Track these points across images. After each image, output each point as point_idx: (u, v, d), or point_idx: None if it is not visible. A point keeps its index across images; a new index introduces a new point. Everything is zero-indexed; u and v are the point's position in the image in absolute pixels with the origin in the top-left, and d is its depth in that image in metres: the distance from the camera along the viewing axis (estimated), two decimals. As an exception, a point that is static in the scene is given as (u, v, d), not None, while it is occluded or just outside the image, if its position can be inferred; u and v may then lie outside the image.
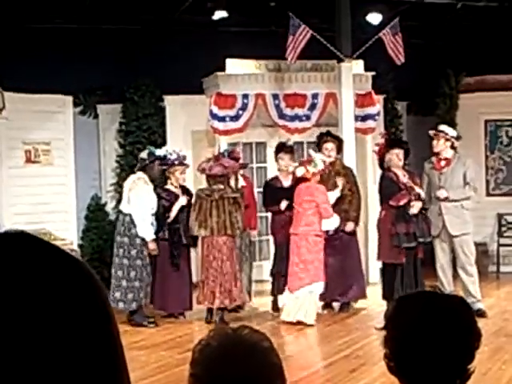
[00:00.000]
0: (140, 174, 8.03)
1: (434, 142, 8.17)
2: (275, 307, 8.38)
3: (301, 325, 7.75)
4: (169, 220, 8.07)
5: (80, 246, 10.45)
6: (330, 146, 8.52)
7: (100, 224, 10.75)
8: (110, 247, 10.47)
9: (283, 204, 8.31)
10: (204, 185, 8.18)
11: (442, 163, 8.09)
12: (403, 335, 1.78)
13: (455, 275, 8.16)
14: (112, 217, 10.82)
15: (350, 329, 7.61)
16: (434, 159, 8.23)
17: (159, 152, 8.16)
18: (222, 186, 7.82)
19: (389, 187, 7.75)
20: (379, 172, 8.61)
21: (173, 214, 8.09)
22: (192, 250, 8.42)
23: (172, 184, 8.27)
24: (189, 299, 8.23)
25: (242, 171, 8.60)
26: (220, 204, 7.78)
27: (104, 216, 10.84)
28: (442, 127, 8.37)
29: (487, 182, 11.29)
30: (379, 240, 7.93)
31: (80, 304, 0.78)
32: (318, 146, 8.68)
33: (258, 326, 7.07)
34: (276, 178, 8.68)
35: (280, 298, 8.22)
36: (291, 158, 8.53)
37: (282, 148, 8.61)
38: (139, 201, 7.84)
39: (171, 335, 7.53)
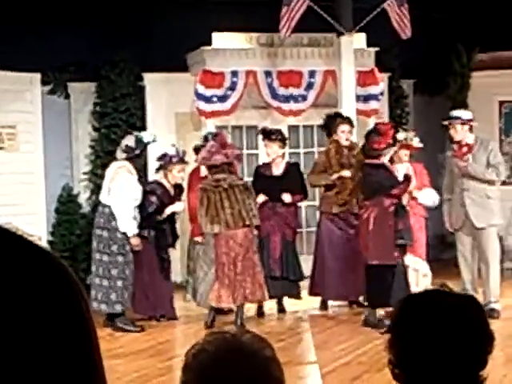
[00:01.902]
0: (124, 162, 8.01)
1: (452, 132, 8.23)
2: (260, 312, 8.43)
3: (295, 329, 7.82)
4: (156, 220, 8.09)
5: (50, 242, 10.45)
6: (346, 128, 8.56)
7: (72, 217, 10.73)
8: (84, 243, 10.52)
9: (260, 198, 8.34)
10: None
11: (464, 149, 8.16)
12: (409, 339, 1.82)
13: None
14: (85, 209, 10.82)
15: (351, 333, 7.68)
16: (455, 146, 8.32)
17: (147, 137, 8.13)
18: (225, 176, 7.73)
19: (389, 178, 7.76)
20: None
21: (164, 215, 8.13)
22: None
23: (168, 180, 8.28)
24: (170, 302, 8.28)
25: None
26: (231, 193, 7.68)
27: (76, 208, 10.82)
28: (455, 113, 8.44)
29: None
30: (369, 238, 7.86)
31: (50, 300, 0.79)
32: (329, 129, 8.65)
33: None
34: (267, 165, 8.67)
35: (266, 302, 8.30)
36: (279, 146, 8.51)
37: (267, 135, 8.57)
38: (121, 192, 7.84)
39: (152, 341, 7.55)
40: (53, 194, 10.54)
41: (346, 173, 8.38)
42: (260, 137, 8.91)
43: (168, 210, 8.14)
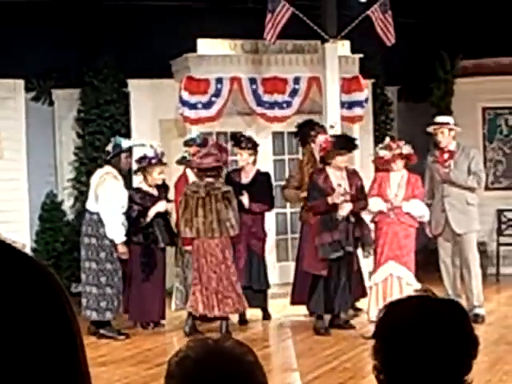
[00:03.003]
0: (108, 168, 7.99)
1: (439, 137, 8.26)
2: (243, 319, 8.41)
3: (279, 336, 7.80)
4: (142, 225, 8.07)
5: (34, 249, 10.39)
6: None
7: (56, 225, 10.69)
8: (68, 251, 10.47)
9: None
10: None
11: (446, 156, 8.20)
12: (393, 345, 1.82)
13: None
14: (70, 217, 10.77)
15: (336, 339, 7.68)
16: (436, 152, 8.35)
17: (125, 144, 8.12)
18: (211, 180, 7.69)
19: (315, 190, 7.78)
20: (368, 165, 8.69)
21: (148, 219, 8.10)
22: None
23: (147, 183, 8.25)
24: (162, 309, 8.25)
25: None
26: (207, 202, 7.64)
27: (61, 216, 10.77)
28: (443, 118, 8.48)
29: (486, 175, 11.43)
30: (305, 247, 7.91)
31: (34, 303, 0.79)
32: (304, 138, 8.65)
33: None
34: (238, 171, 8.62)
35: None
36: (249, 154, 8.45)
37: (237, 141, 8.53)
38: (108, 198, 7.80)
39: (138, 349, 7.53)
40: (36, 201, 10.50)
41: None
42: (230, 143, 8.90)
43: (151, 213, 8.11)
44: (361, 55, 10.59)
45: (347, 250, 7.70)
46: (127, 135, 9.80)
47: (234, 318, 8.51)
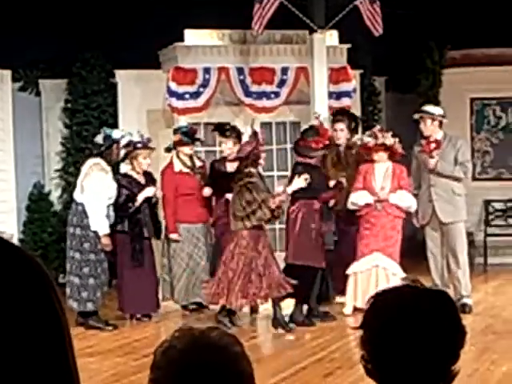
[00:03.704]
0: (96, 159, 7.97)
1: (422, 125, 8.29)
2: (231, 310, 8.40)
3: (267, 327, 7.82)
4: (130, 210, 8.04)
5: (21, 240, 10.36)
6: (340, 126, 8.56)
7: (44, 215, 10.66)
8: (56, 242, 10.44)
9: (205, 192, 8.31)
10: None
11: (432, 146, 8.20)
12: (381, 335, 1.81)
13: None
14: (57, 207, 10.74)
15: (323, 329, 7.69)
16: (423, 142, 8.36)
17: (116, 134, 8.10)
18: (253, 170, 7.62)
19: (322, 182, 7.81)
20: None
21: (137, 203, 8.07)
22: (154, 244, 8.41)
23: (134, 169, 8.23)
24: (155, 299, 8.23)
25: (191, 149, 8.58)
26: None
27: (48, 206, 10.75)
28: (426, 107, 8.50)
29: (473, 165, 11.46)
30: (293, 238, 7.89)
31: (21, 292, 0.78)
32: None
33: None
34: (223, 160, 8.61)
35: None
36: (233, 142, 8.43)
37: (220, 130, 8.52)
38: (92, 190, 7.80)
39: (126, 339, 7.52)
40: (24, 192, 10.47)
41: (343, 179, 8.31)
42: (215, 133, 8.88)
43: (140, 197, 8.09)
44: (349, 45, 10.57)
45: (335, 239, 7.74)
46: (115, 126, 9.77)
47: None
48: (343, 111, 8.87)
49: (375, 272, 8.06)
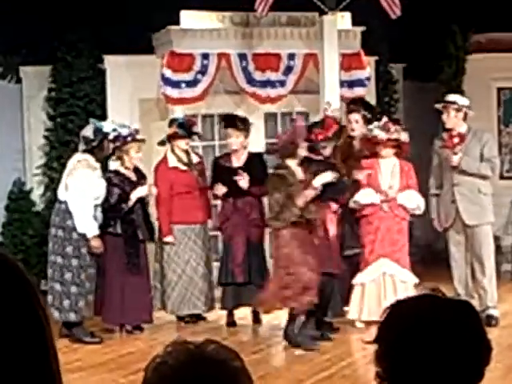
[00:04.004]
0: (84, 154, 7.94)
1: (444, 116, 8.26)
2: (230, 321, 8.41)
3: (272, 339, 7.82)
4: (123, 211, 8.04)
5: (0, 243, 10.37)
6: (355, 116, 8.57)
7: (24, 216, 10.67)
8: (38, 245, 10.45)
9: (219, 189, 8.32)
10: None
11: (455, 140, 8.17)
12: (397, 349, 1.81)
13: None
14: (39, 207, 10.75)
15: (334, 343, 7.69)
16: (445, 135, 8.34)
17: (107, 127, 8.08)
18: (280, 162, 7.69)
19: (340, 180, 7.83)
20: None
21: (130, 203, 8.08)
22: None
23: (124, 165, 8.22)
24: (150, 309, 8.23)
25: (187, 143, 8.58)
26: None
27: (29, 206, 10.76)
28: (451, 97, 8.47)
29: (501, 162, 11.45)
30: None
31: (3, 306, 0.80)
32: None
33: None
34: (227, 155, 8.64)
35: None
36: (244, 135, 8.45)
37: (230, 122, 8.54)
38: (78, 188, 7.78)
39: (114, 353, 7.53)
40: (3, 190, 10.49)
41: (360, 176, 8.28)
42: (221, 124, 8.87)
43: (133, 196, 8.09)
44: (363, 29, 10.56)
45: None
46: (103, 117, 9.77)
47: (222, 320, 8.51)
48: (358, 101, 8.85)
49: (382, 280, 8.04)
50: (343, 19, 10.32)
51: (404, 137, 8.23)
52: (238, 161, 8.51)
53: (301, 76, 10.30)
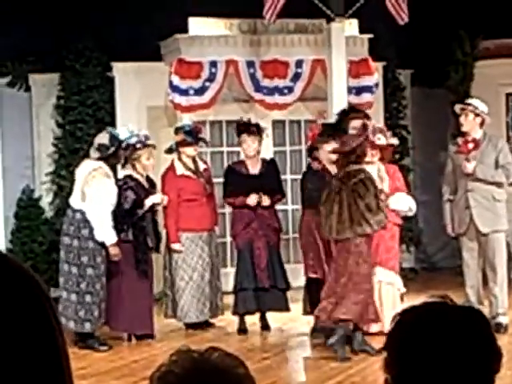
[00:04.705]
0: (98, 162, 7.90)
1: (462, 119, 8.20)
2: (242, 328, 8.40)
3: (281, 346, 7.79)
4: (137, 216, 8.02)
5: (9, 250, 10.37)
6: (358, 123, 8.54)
7: (33, 223, 10.69)
8: (46, 252, 10.46)
9: (252, 198, 8.29)
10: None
11: (470, 146, 8.13)
12: (406, 357, 1.80)
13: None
14: (48, 214, 10.76)
15: (343, 349, 7.64)
16: (459, 140, 8.31)
17: (123, 134, 8.05)
18: (356, 167, 7.35)
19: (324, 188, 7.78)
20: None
21: (145, 208, 8.06)
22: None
23: (137, 172, 8.22)
24: (150, 318, 8.20)
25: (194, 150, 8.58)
26: (342, 196, 7.30)
27: (38, 213, 10.78)
28: (472, 100, 8.44)
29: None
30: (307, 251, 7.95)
31: (14, 310, 0.79)
32: (340, 125, 8.61)
33: (228, 348, 7.09)
34: (242, 163, 8.64)
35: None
36: (258, 141, 8.45)
37: (245, 128, 8.53)
38: (98, 198, 7.71)
39: (123, 360, 7.52)
40: (12, 198, 10.51)
41: None
42: (235, 131, 8.87)
43: (148, 202, 8.08)
44: (370, 35, 10.56)
45: None
46: (112, 124, 9.79)
47: (232, 327, 8.49)
48: (355, 109, 8.83)
49: (379, 288, 7.98)
50: (351, 26, 10.33)
51: (393, 141, 8.24)
52: (253, 168, 8.51)
53: (308, 83, 10.30)
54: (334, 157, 7.65)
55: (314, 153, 8.22)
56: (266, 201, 8.34)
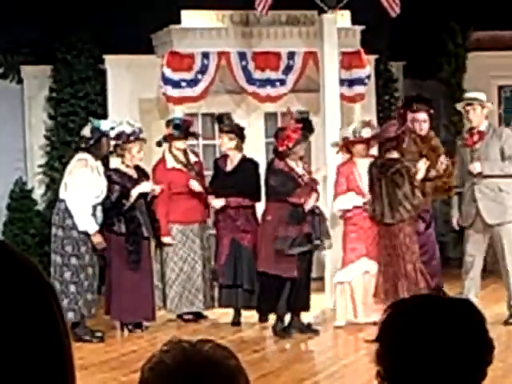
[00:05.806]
0: (83, 154, 7.96)
1: (471, 115, 8.14)
2: (236, 321, 8.38)
3: (273, 338, 7.80)
4: (125, 208, 8.01)
5: (1, 242, 10.37)
6: (421, 116, 8.54)
7: (26, 215, 10.68)
8: (39, 244, 10.45)
9: (216, 201, 8.29)
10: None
11: (475, 138, 8.12)
12: (398, 348, 1.80)
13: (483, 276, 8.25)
14: (41, 206, 10.76)
15: (334, 342, 7.68)
16: (465, 134, 8.30)
17: (104, 126, 8.07)
18: (395, 156, 7.92)
19: (285, 183, 7.78)
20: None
21: (131, 200, 8.05)
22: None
23: (124, 163, 8.21)
24: (152, 307, 8.21)
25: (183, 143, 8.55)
26: (382, 183, 7.96)
27: (31, 205, 10.77)
28: (472, 94, 8.42)
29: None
30: (262, 245, 7.91)
31: (18, 300, 0.79)
32: (403, 116, 8.55)
33: (220, 341, 7.10)
34: (224, 157, 8.60)
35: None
36: (230, 138, 8.35)
37: (219, 124, 8.52)
38: (76, 188, 7.80)
39: (115, 352, 7.52)
40: (4, 190, 10.51)
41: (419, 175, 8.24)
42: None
43: (134, 192, 8.06)
44: (362, 27, 10.55)
45: (315, 244, 7.76)
46: (104, 116, 9.77)
47: (227, 318, 8.49)
48: (422, 99, 8.81)
49: (367, 279, 7.99)
50: (343, 17, 10.30)
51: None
52: (230, 165, 8.47)
53: (301, 75, 10.29)
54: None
55: (283, 153, 7.95)
56: (217, 204, 8.30)
